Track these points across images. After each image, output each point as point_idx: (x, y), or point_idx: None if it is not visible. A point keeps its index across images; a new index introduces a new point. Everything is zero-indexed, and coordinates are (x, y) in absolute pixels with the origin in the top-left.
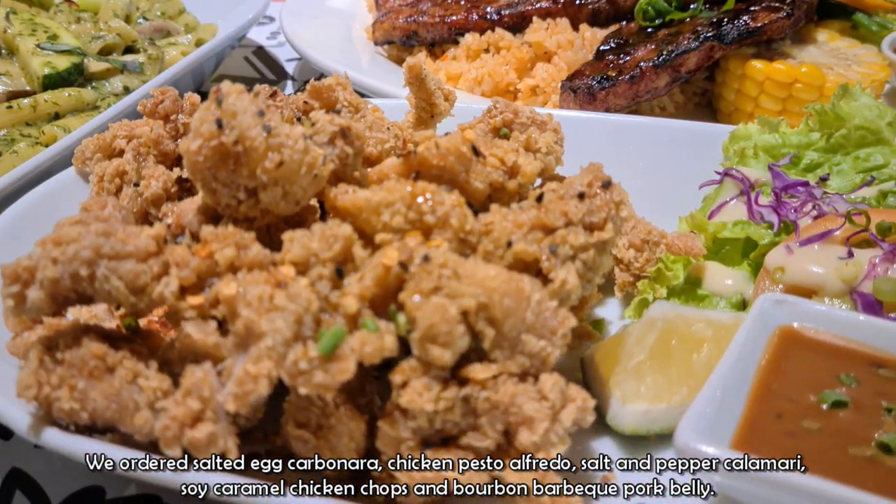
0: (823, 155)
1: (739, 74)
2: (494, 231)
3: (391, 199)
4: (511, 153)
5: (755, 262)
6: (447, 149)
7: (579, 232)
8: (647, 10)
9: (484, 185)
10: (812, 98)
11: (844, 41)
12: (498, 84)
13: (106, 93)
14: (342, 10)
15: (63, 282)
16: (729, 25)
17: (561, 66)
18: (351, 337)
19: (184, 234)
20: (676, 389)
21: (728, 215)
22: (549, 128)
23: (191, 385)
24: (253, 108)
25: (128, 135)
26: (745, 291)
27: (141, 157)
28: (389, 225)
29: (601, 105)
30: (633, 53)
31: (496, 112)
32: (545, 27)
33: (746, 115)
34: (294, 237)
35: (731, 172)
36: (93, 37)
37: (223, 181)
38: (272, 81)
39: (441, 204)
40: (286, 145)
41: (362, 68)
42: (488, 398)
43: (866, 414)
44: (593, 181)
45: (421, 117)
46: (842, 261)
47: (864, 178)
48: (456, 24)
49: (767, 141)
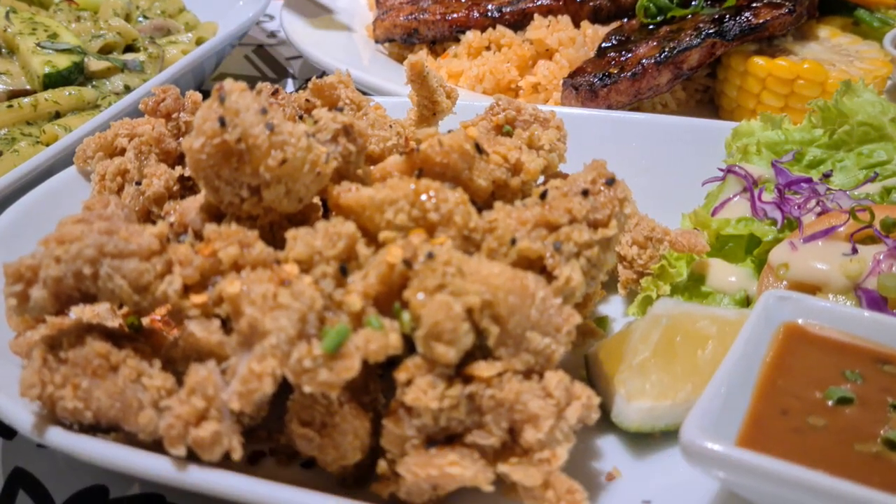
0: (826, 151)
1: (741, 71)
2: (498, 228)
3: (394, 197)
4: (514, 150)
5: (759, 258)
6: (450, 146)
7: (583, 229)
8: (649, 6)
9: (487, 182)
10: (814, 94)
11: (846, 37)
12: (499, 81)
13: (107, 91)
14: (343, 8)
15: (66, 280)
16: (731, 22)
17: (562, 63)
18: (355, 335)
19: (187, 232)
20: (681, 386)
21: (731, 212)
22: (552, 125)
23: (195, 384)
24: (255, 105)
25: (129, 133)
26: (748, 288)
27: (143, 155)
28: (393, 223)
29: (603, 102)
30: (634, 50)
31: (499, 109)
32: (546, 24)
33: (749, 112)
34: (298, 235)
35: (734, 169)
36: (93, 35)
37: (226, 179)
38: (273, 80)
39: (445, 201)
40: (289, 143)
41: (363, 66)
42: (493, 396)
43: (872, 410)
44: (597, 178)
45: (423, 115)
46: (846, 257)
47: (867, 175)
48: (457, 21)
49: (770, 137)
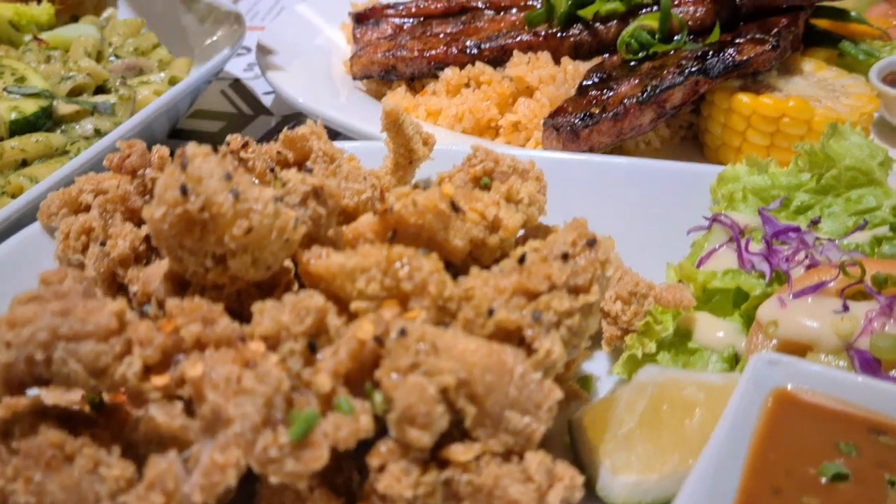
0: (814, 196)
1: (726, 108)
2: (475, 297)
3: (366, 265)
4: (492, 206)
5: (747, 313)
6: (425, 206)
7: (564, 296)
8: (631, 42)
9: (464, 242)
10: (800, 132)
11: (831, 71)
12: (479, 121)
13: (76, 136)
14: (319, 46)
15: (18, 366)
16: (714, 59)
17: (543, 101)
18: (324, 420)
19: (150, 301)
20: (668, 458)
21: (718, 263)
22: (532, 176)
23: (154, 477)
24: (219, 171)
25: (94, 189)
26: (737, 344)
27: (107, 213)
28: (364, 292)
29: (585, 143)
30: (616, 89)
31: (476, 161)
32: (526, 61)
33: (734, 150)
34: (264, 309)
35: (719, 218)
36: (62, 77)
37: (189, 249)
38: (249, 116)
39: (418, 270)
40: (255, 210)
41: (340, 105)
42: (471, 481)
43: (868, 487)
44: (577, 239)
45: (399, 163)
46: (837, 315)
47: (856, 222)
48: (435, 58)
49: (756, 183)
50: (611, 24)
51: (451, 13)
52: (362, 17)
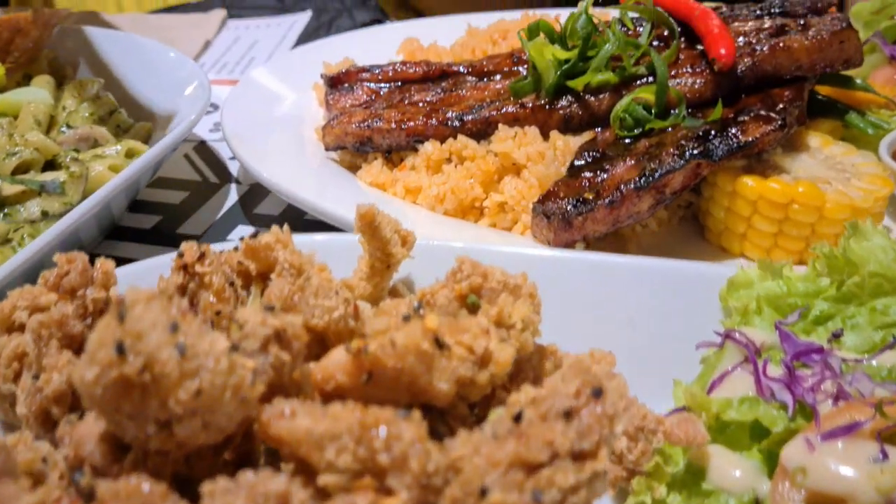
0: (834, 305)
1: (730, 191)
2: (464, 470)
3: (336, 431)
4: (481, 337)
5: (767, 450)
6: (405, 347)
7: (568, 468)
8: (625, 118)
9: (450, 384)
10: (811, 220)
11: (839, 146)
12: (462, 201)
13: (20, 221)
14: (288, 110)
15: None
16: (717, 140)
17: (532, 181)
18: None
19: (83, 467)
20: None
21: (732, 388)
22: (524, 293)
23: None
24: (164, 320)
25: (29, 305)
26: (757, 487)
27: (42, 340)
28: (335, 465)
29: (578, 232)
30: (611, 171)
31: (462, 276)
32: (513, 135)
33: (738, 237)
34: (215, 492)
35: (733, 335)
36: (7, 153)
37: (128, 414)
38: (214, 185)
39: (398, 439)
40: (205, 367)
41: (309, 184)
42: None
43: None
44: (581, 388)
45: (375, 267)
46: (876, 465)
47: (884, 338)
48: (414, 130)
49: (771, 290)
50: (603, 95)
51: (430, 78)
52: (336, 80)
